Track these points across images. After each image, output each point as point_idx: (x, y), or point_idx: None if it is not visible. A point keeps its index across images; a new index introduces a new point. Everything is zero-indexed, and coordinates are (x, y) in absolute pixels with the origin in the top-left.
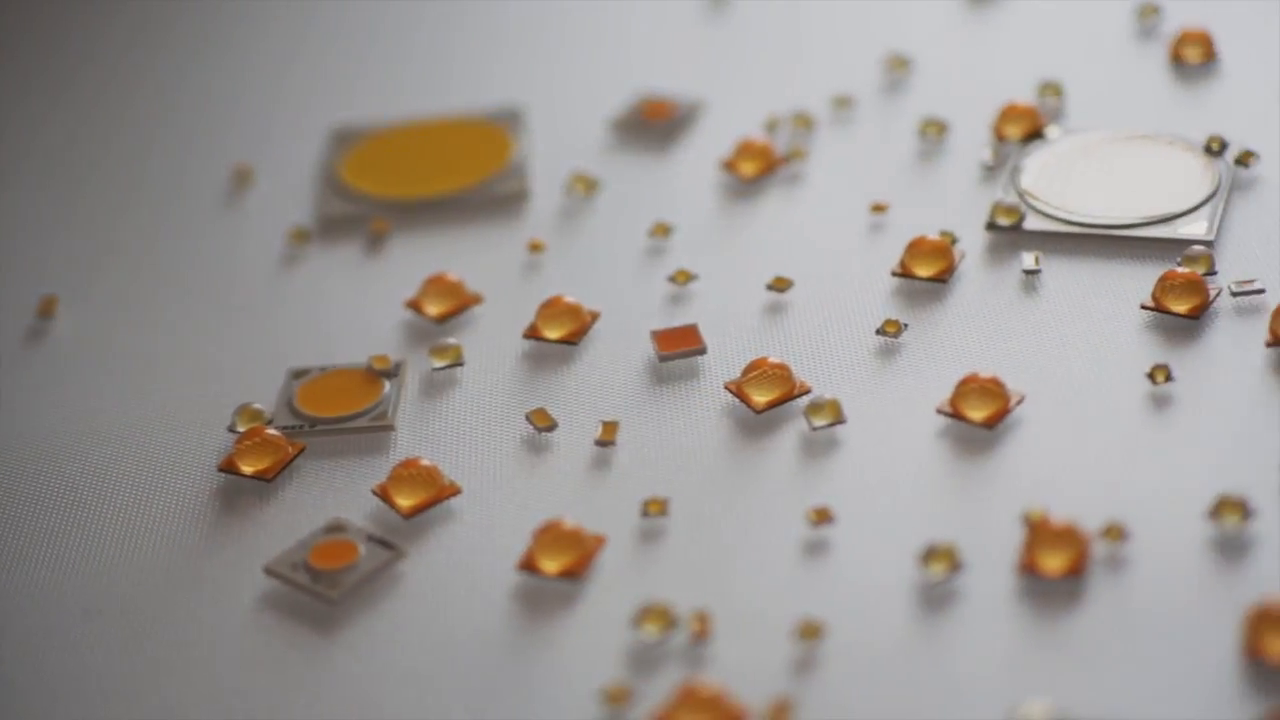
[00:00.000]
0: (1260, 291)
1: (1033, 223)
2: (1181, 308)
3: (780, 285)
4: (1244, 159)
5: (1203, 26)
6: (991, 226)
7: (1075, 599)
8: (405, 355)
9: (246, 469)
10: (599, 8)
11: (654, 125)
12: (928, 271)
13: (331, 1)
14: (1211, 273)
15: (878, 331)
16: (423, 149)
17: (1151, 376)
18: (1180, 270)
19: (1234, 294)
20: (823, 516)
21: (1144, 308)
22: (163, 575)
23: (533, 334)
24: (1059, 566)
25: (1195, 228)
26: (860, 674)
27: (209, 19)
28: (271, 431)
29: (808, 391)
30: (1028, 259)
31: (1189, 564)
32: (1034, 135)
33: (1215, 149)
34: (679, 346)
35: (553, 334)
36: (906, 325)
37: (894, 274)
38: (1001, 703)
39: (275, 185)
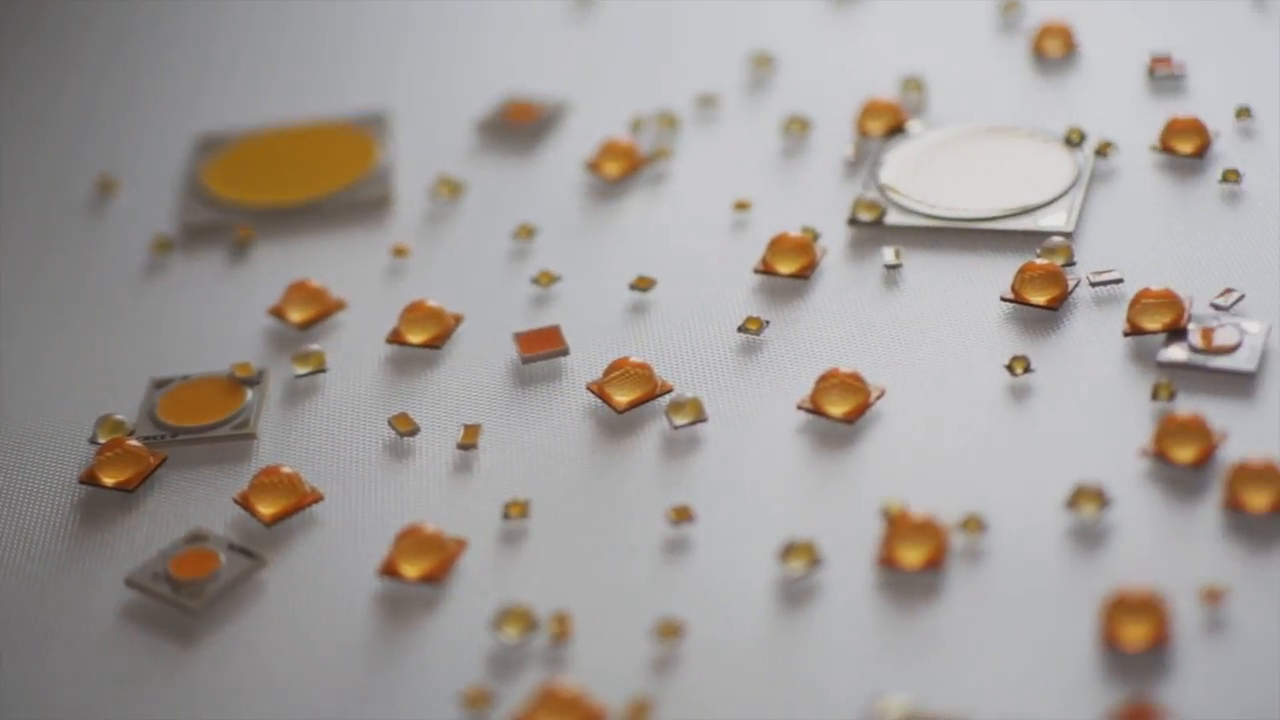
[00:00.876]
0: (1118, 281)
1: (894, 217)
2: (1040, 299)
3: (643, 285)
4: (1102, 150)
5: (1063, 20)
6: (853, 222)
7: (934, 592)
8: (268, 363)
9: (108, 480)
10: (463, 10)
11: (519, 127)
12: (789, 268)
13: (194, 8)
14: (1070, 264)
15: (739, 329)
16: (287, 155)
17: (1010, 368)
18: (1039, 262)
19: (1092, 284)
20: (682, 515)
21: (1004, 300)
22: (23, 588)
23: (396, 339)
24: (918, 560)
25: (1054, 219)
26: (720, 671)
27: (69, 28)
28: (133, 442)
29: (669, 390)
30: (888, 254)
31: (1047, 554)
32: (896, 130)
33: (1075, 141)
34: (541, 348)
35: (416, 338)
36: (768, 322)
37: (756, 271)
38: (860, 697)
39: (138, 194)
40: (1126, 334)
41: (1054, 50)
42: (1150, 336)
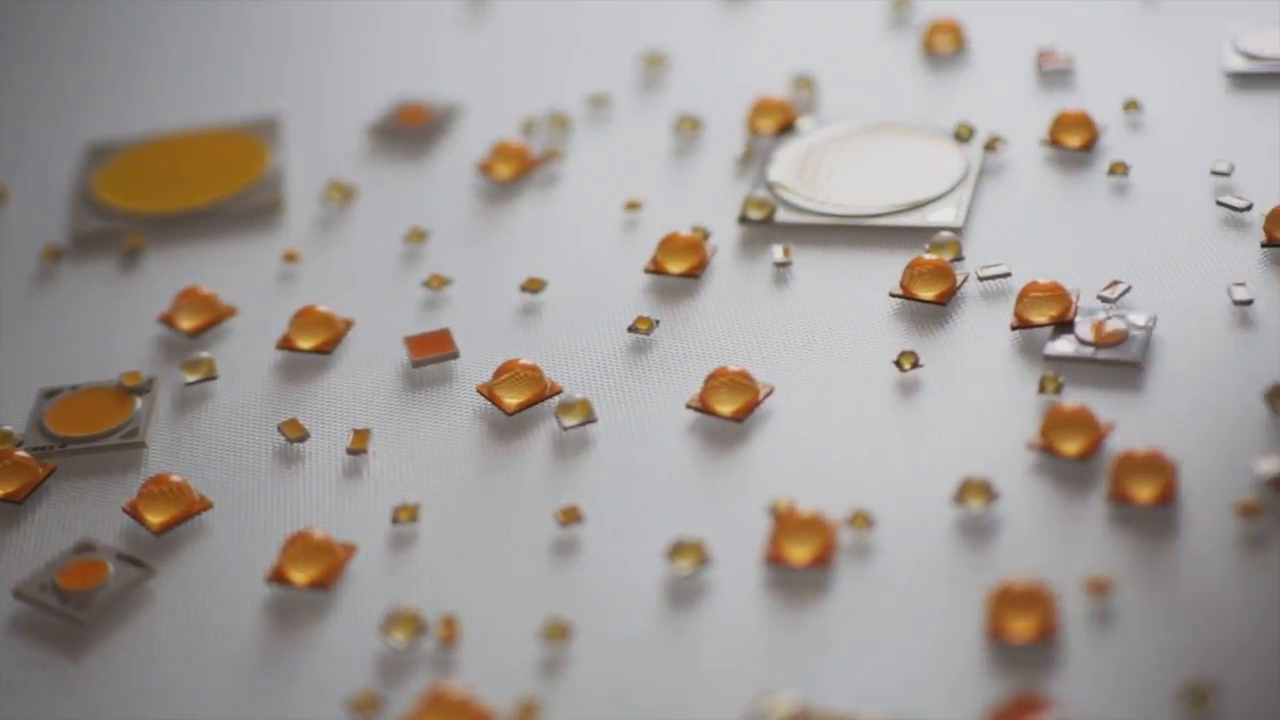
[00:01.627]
0: (1006, 275)
1: (784, 215)
2: (929, 294)
3: (533, 286)
4: (991, 144)
5: (953, 16)
6: (744, 220)
7: (822, 589)
8: (157, 371)
9: None
10: (354, 13)
11: (411, 130)
12: (680, 267)
13: (82, 15)
14: (959, 258)
15: (630, 329)
16: (178, 162)
17: (898, 364)
18: (928, 257)
19: (981, 278)
20: (571, 516)
21: (892, 295)
22: None
23: (286, 345)
24: (805, 557)
25: (943, 214)
26: (608, 671)
27: None
28: (21, 453)
29: (559, 392)
30: (777, 252)
31: (934, 549)
32: (786, 128)
33: (964, 136)
34: (431, 351)
35: (306, 344)
36: (658, 322)
37: (647, 271)
38: (747, 695)
39: (28, 203)
40: (1014, 328)
41: (944, 46)
42: (1038, 330)
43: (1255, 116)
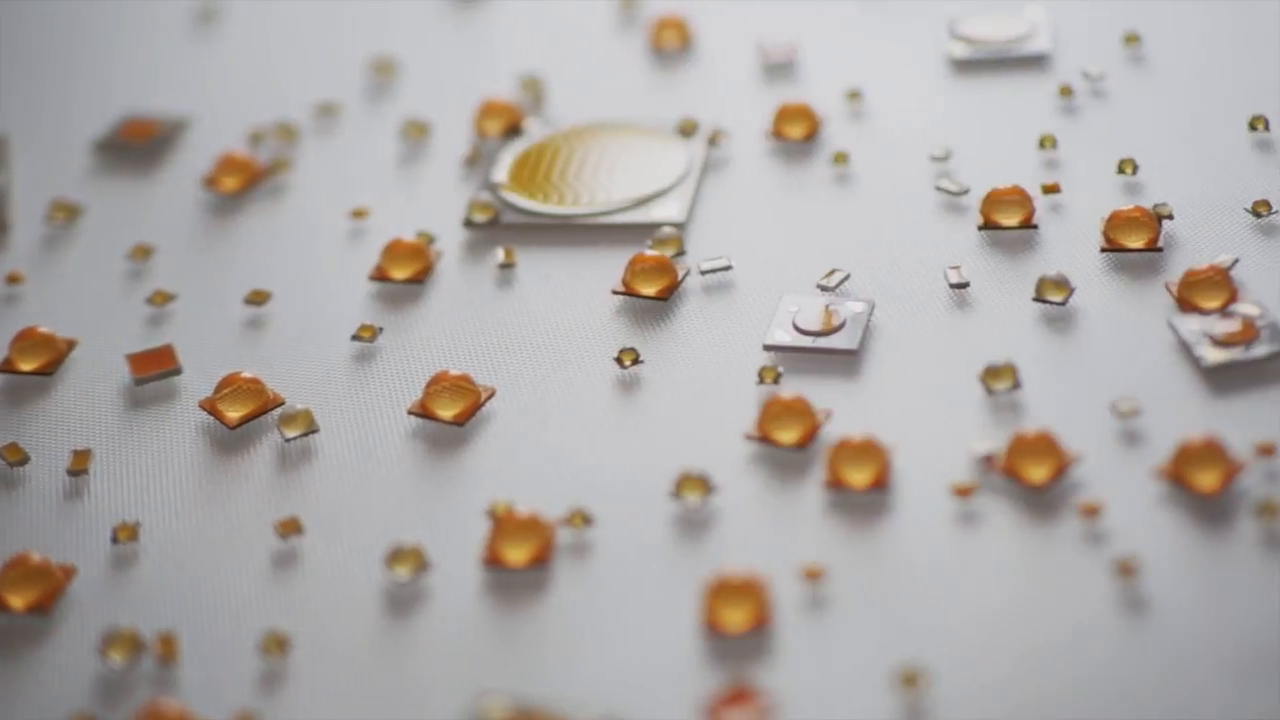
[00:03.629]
0: (727, 269)
1: (510, 217)
2: (651, 290)
3: (258, 299)
4: (714, 139)
5: (679, 13)
6: (469, 224)
7: (540, 588)
8: None
9: None
10: (78, 28)
11: (137, 145)
12: (404, 273)
13: None
14: (681, 253)
15: (353, 337)
16: None
17: (619, 360)
18: (649, 253)
19: (703, 273)
20: (291, 528)
21: (615, 293)
22: None
23: (6, 367)
24: (522, 558)
25: (667, 210)
26: (326, 681)
27: None
28: None
29: (281, 403)
30: (500, 254)
31: (653, 544)
32: (513, 130)
33: (688, 131)
34: (153, 368)
35: (27, 366)
36: (381, 329)
37: (371, 278)
38: (464, 697)
39: None
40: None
41: (670, 43)
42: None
43: (974, 102)
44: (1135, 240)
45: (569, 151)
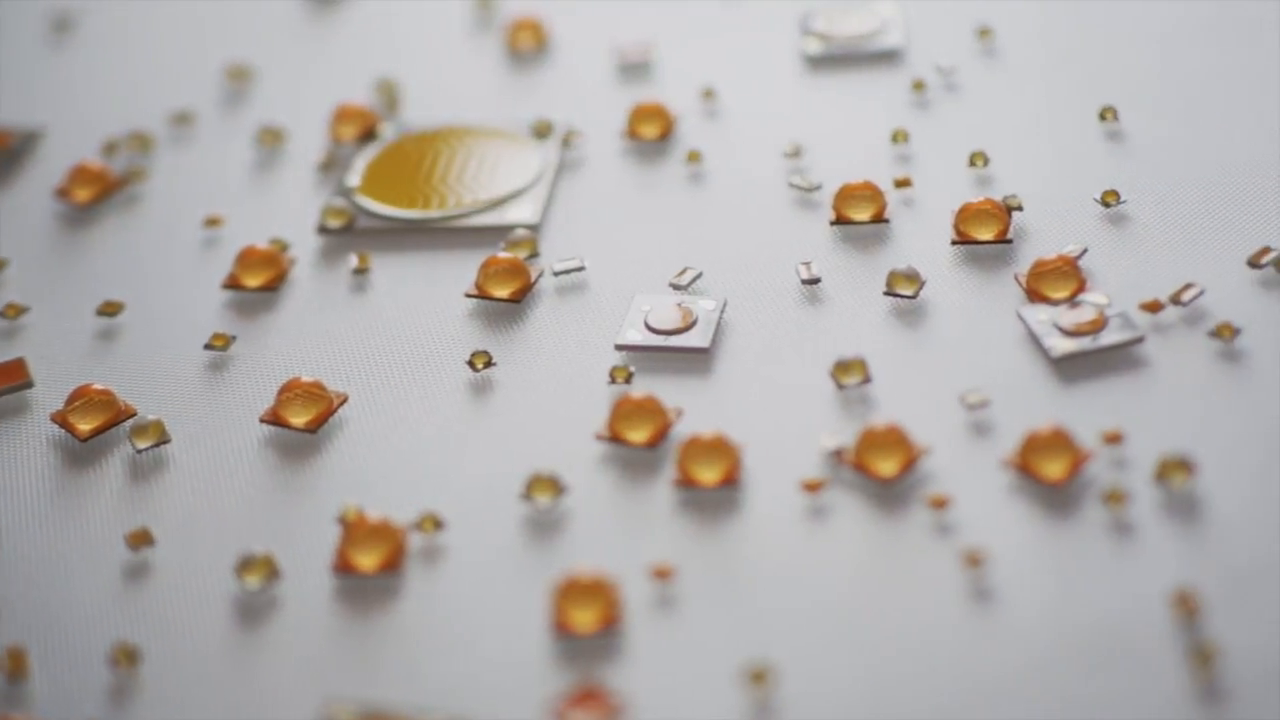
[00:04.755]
0: (580, 269)
1: (365, 222)
2: (503, 292)
3: (110, 310)
4: (568, 140)
5: (535, 14)
6: (323, 230)
7: (391, 594)
8: None
9: None
10: None
11: None
12: (257, 281)
13: None
14: (535, 255)
15: (206, 346)
16: None
17: (471, 363)
18: (502, 255)
19: (556, 274)
20: (141, 539)
21: (468, 295)
22: None
23: None
24: (372, 563)
25: (521, 212)
26: (176, 691)
27: None
28: None
29: (133, 414)
30: (353, 259)
31: (503, 546)
32: (368, 135)
33: (543, 132)
34: (6, 382)
35: None
36: (235, 338)
37: (225, 287)
38: (314, 703)
39: None
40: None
41: (527, 45)
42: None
43: (827, 98)
44: (985, 232)
45: (423, 155)
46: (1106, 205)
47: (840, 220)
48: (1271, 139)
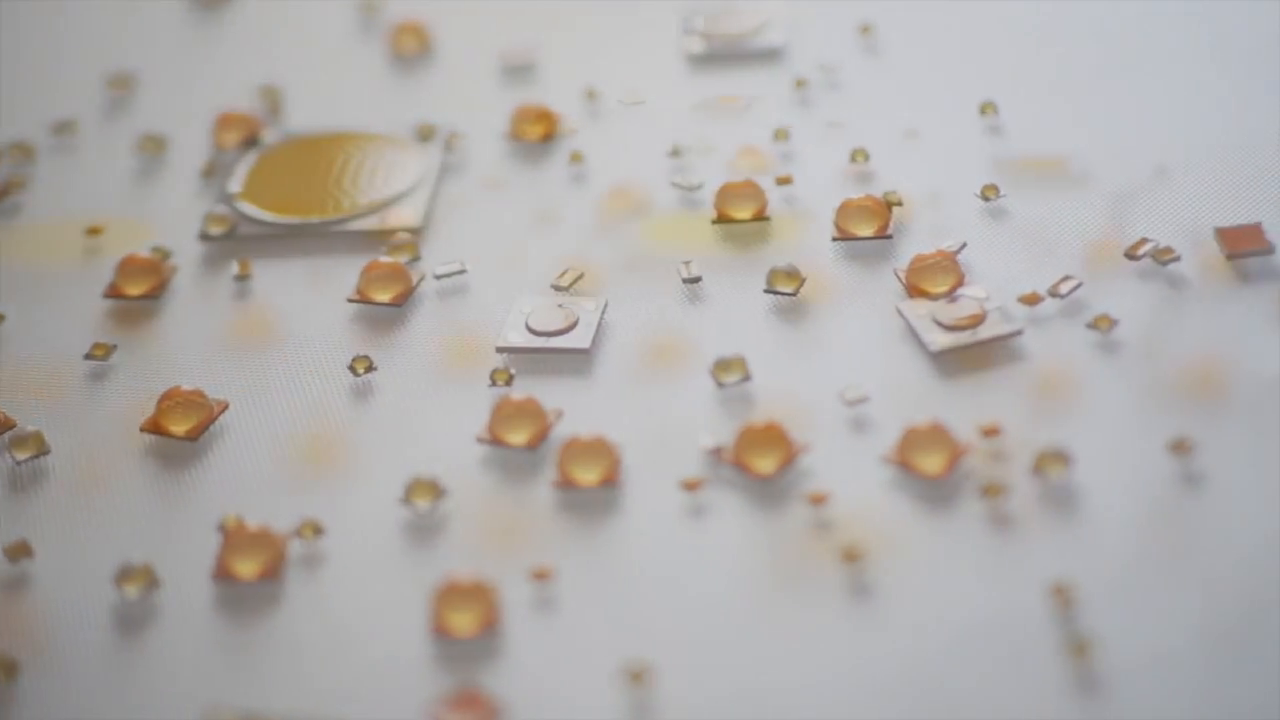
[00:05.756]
0: (461, 272)
1: (247, 228)
2: (385, 297)
3: None
4: (451, 142)
5: (418, 17)
6: (205, 237)
7: (271, 601)
8: None
9: None
10: None
11: None
12: (138, 289)
13: None
14: (417, 259)
15: (86, 356)
16: None
17: (353, 368)
18: (383, 260)
19: (437, 277)
20: (20, 551)
21: (350, 300)
22: None
23: None
24: (252, 571)
25: (403, 216)
26: (56, 704)
27: None
28: None
29: (12, 426)
30: (234, 266)
31: (383, 551)
32: (251, 141)
33: (426, 136)
34: None
35: None
36: (116, 347)
37: (106, 296)
38: (194, 712)
39: None
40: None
41: (410, 48)
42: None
43: (709, 97)
44: (865, 228)
45: (306, 160)
46: (986, 199)
47: (722, 219)
48: (1150, 133)
